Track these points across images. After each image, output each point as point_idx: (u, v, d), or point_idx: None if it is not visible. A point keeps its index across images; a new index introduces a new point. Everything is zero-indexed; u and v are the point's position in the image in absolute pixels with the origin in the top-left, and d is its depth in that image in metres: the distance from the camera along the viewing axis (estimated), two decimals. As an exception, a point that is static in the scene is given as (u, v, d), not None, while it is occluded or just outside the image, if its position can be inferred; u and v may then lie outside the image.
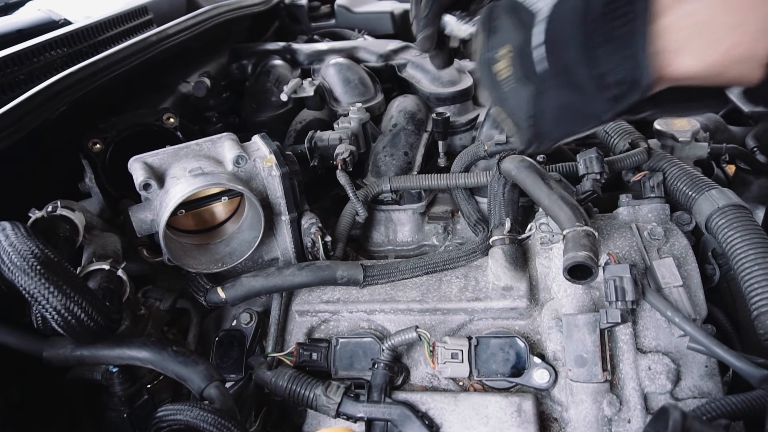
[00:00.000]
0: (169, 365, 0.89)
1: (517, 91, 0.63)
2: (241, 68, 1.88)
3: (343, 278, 1.09)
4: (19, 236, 0.82)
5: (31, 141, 1.04)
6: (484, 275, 1.10)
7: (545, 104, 0.62)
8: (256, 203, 1.05)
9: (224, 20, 1.82)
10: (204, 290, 1.12)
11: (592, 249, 0.93)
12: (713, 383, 0.96)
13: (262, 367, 1.05)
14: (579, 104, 0.59)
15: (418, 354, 1.07)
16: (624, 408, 0.95)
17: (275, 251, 1.20)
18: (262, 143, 1.12)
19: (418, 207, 1.31)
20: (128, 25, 1.56)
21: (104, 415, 1.01)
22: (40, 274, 0.78)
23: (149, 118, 1.30)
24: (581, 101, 0.59)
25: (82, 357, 0.90)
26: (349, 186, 1.24)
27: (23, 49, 1.21)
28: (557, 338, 1.01)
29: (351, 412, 0.98)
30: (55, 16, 1.53)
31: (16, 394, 0.98)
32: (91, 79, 1.20)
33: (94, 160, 1.22)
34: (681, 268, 1.01)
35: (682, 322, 0.92)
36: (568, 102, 0.60)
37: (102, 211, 1.19)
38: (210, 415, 0.80)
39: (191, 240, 1.15)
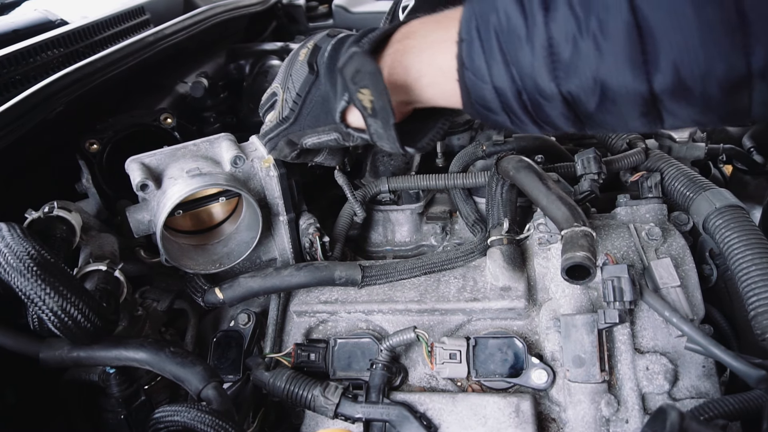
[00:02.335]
0: (166, 366, 0.89)
1: (300, 72, 0.79)
2: (238, 68, 1.88)
3: (341, 279, 1.09)
4: (16, 237, 0.81)
5: (27, 141, 1.04)
6: (482, 275, 1.10)
7: (313, 91, 0.78)
8: (253, 204, 1.05)
9: (221, 20, 1.81)
10: (202, 291, 1.12)
11: (590, 249, 0.93)
12: (711, 383, 0.96)
13: (260, 368, 1.05)
14: (330, 98, 0.75)
15: (416, 354, 1.07)
16: (622, 408, 0.95)
17: (273, 252, 1.20)
18: (259, 144, 1.12)
19: (416, 207, 1.31)
20: (125, 26, 1.56)
21: (101, 417, 1.01)
22: (36, 276, 0.77)
23: (146, 119, 1.29)
24: (332, 95, 0.74)
25: (79, 358, 0.90)
26: (347, 186, 1.24)
27: (19, 50, 1.20)
28: (555, 338, 1.01)
29: (349, 413, 0.98)
30: (52, 16, 1.53)
31: (12, 396, 0.98)
32: (87, 79, 1.19)
33: (91, 160, 1.21)
34: (678, 268, 1.01)
35: (679, 322, 0.92)
36: (325, 94, 0.76)
37: (99, 211, 1.19)
38: (208, 416, 0.80)
39: (189, 241, 1.15)
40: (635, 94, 0.48)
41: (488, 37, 0.53)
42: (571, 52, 0.48)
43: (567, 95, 0.51)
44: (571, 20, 0.47)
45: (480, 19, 0.54)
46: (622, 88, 0.48)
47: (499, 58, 0.53)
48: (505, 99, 0.54)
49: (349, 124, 0.73)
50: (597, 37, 0.47)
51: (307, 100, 0.79)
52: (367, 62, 0.63)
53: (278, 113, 0.82)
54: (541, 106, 0.53)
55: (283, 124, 0.82)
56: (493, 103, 0.56)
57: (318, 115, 0.79)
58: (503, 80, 0.53)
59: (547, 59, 0.50)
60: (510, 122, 0.58)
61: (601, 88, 0.49)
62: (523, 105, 0.54)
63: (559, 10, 0.48)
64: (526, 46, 0.50)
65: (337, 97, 0.72)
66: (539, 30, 0.49)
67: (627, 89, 0.48)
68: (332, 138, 0.79)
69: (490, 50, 0.53)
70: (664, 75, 0.46)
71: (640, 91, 0.48)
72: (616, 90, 0.48)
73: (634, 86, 0.47)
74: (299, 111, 0.80)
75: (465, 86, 0.57)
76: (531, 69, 0.51)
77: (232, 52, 1.91)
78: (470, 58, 0.55)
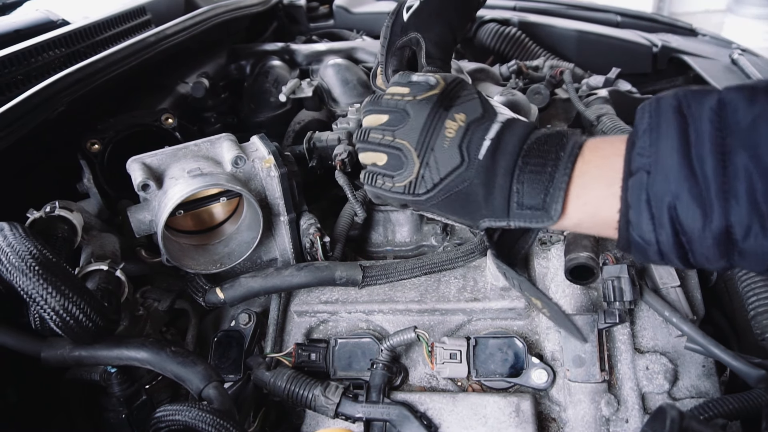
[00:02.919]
0: (167, 366, 0.89)
1: (448, 154, 0.67)
2: (239, 69, 1.88)
3: (342, 279, 1.10)
4: (18, 237, 0.82)
5: (29, 141, 1.04)
6: (482, 276, 1.10)
7: (458, 181, 0.67)
8: (254, 204, 1.05)
9: (223, 21, 1.82)
10: (202, 291, 1.12)
11: (593, 250, 0.93)
12: (711, 383, 0.96)
13: (260, 368, 1.05)
14: (478, 203, 0.66)
15: (416, 354, 1.07)
16: (622, 408, 0.95)
17: (274, 252, 1.20)
18: (260, 144, 1.12)
19: (416, 207, 1.31)
20: (126, 26, 1.56)
21: (102, 416, 1.01)
22: (38, 275, 0.78)
23: (147, 119, 1.29)
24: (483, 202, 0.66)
25: (81, 357, 0.90)
26: (347, 186, 1.24)
27: (21, 50, 1.20)
28: (555, 338, 1.01)
29: (349, 413, 0.98)
30: (53, 17, 1.53)
31: (14, 395, 0.98)
32: (89, 79, 1.20)
33: (93, 160, 1.21)
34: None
35: (679, 322, 0.92)
36: (473, 193, 0.66)
37: (100, 211, 1.19)
38: (209, 416, 0.80)
39: (190, 241, 1.15)
40: None
41: (660, 213, 0.52)
42: (750, 245, 0.49)
43: (728, 264, 0.52)
44: (754, 216, 0.47)
45: (652, 195, 0.52)
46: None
47: (669, 231, 0.52)
48: (668, 257, 0.54)
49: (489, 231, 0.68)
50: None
51: (448, 186, 0.68)
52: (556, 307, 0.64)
53: (408, 183, 0.70)
54: (701, 264, 0.53)
55: (411, 195, 0.71)
56: (653, 258, 0.55)
57: (455, 208, 0.69)
58: (669, 247, 0.53)
59: (722, 243, 0.49)
60: (662, 262, 0.57)
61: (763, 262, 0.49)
62: (685, 262, 0.54)
63: (740, 203, 0.47)
64: (700, 235, 0.50)
65: (491, 212, 0.65)
66: (716, 218, 0.49)
67: None
68: (459, 221, 0.73)
69: (661, 223, 0.52)
70: None
71: None
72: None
73: None
74: (436, 194, 0.69)
75: (627, 239, 0.56)
76: (702, 246, 0.51)
77: (233, 53, 1.92)
78: (638, 224, 0.54)
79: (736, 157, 0.47)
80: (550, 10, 2.22)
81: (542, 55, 2.02)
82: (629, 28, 2.11)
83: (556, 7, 2.25)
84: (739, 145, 0.47)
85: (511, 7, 2.23)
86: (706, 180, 0.48)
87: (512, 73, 1.74)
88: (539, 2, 2.26)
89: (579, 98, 1.49)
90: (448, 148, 0.67)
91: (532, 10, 2.21)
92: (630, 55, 1.94)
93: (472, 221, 0.67)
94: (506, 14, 2.15)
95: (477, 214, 0.66)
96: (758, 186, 0.46)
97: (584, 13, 2.21)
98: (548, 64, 1.82)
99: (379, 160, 0.73)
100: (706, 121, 0.49)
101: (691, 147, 0.49)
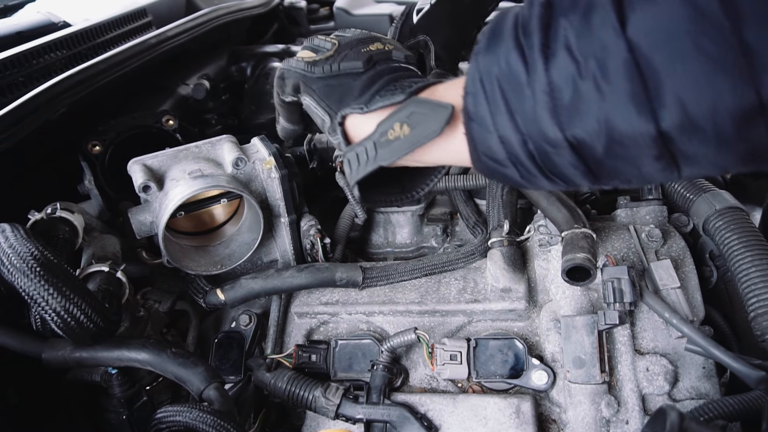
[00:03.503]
0: (168, 367, 0.89)
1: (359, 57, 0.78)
2: (240, 70, 1.89)
3: (342, 280, 1.10)
4: (19, 238, 0.82)
5: (30, 143, 1.04)
6: (482, 277, 1.10)
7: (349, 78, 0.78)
8: (255, 205, 1.05)
9: (223, 23, 1.82)
10: (203, 292, 1.12)
11: (591, 251, 0.93)
12: (711, 384, 0.96)
13: (261, 369, 1.05)
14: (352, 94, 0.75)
15: (417, 355, 1.07)
16: (622, 409, 0.95)
17: (274, 253, 1.20)
18: (261, 145, 1.13)
19: (416, 209, 1.32)
20: (127, 28, 1.56)
21: (103, 417, 1.01)
22: (39, 276, 0.78)
23: (148, 121, 1.30)
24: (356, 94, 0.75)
25: (81, 358, 0.90)
26: (348, 188, 1.24)
27: (22, 51, 1.21)
28: (556, 340, 1.01)
29: (350, 414, 0.98)
30: (55, 19, 1.53)
31: (15, 396, 0.98)
32: (90, 81, 1.20)
33: (94, 162, 1.22)
34: (679, 269, 1.01)
35: (679, 323, 0.92)
36: (352, 87, 0.76)
37: (101, 213, 1.20)
38: (209, 417, 0.80)
39: (190, 242, 1.15)
40: (643, 133, 0.47)
41: (492, 87, 0.53)
42: (571, 95, 0.48)
43: (572, 140, 0.50)
44: (570, 63, 0.47)
45: (483, 70, 0.54)
46: (627, 127, 0.47)
47: (502, 106, 0.52)
48: (511, 148, 0.54)
49: (343, 125, 0.74)
50: (597, 77, 0.46)
51: (340, 78, 0.78)
52: (440, 114, 0.61)
53: (313, 61, 0.81)
54: (549, 155, 0.53)
55: (308, 71, 0.81)
56: (500, 154, 0.55)
57: (332, 95, 0.78)
58: (508, 129, 0.53)
59: (549, 104, 0.49)
60: (519, 176, 0.57)
61: (607, 130, 0.48)
62: (530, 154, 0.53)
63: (559, 54, 0.48)
64: (527, 92, 0.50)
65: (359, 100, 0.72)
66: (539, 76, 0.49)
67: (633, 129, 0.47)
68: (321, 118, 0.80)
69: (494, 100, 0.53)
70: (670, 111, 0.45)
71: (647, 130, 0.46)
72: (622, 131, 0.47)
73: (639, 125, 0.46)
74: (326, 77, 0.79)
75: (472, 139, 0.57)
76: (534, 115, 0.51)
77: (234, 54, 1.92)
78: (475, 109, 0.55)
79: (556, 22, 0.49)
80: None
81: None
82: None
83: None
84: (559, 14, 0.49)
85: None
86: (531, 44, 0.50)
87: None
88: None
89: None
90: (363, 53, 0.78)
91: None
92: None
93: (337, 108, 0.75)
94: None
95: (345, 103, 0.74)
96: (571, 36, 0.47)
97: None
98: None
99: (306, 55, 0.84)
100: (536, 5, 0.51)
101: (518, 26, 0.51)
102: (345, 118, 0.73)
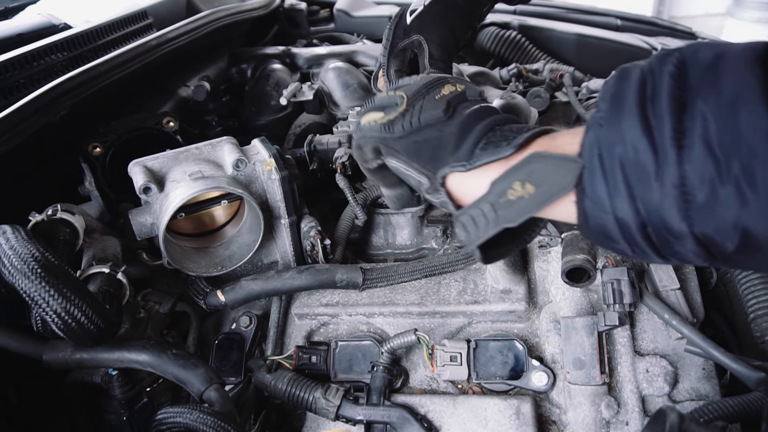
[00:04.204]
0: (168, 368, 0.89)
1: (436, 106, 0.72)
2: (240, 72, 1.89)
3: (343, 281, 1.10)
4: (20, 239, 0.82)
5: (31, 145, 1.04)
6: (482, 278, 1.10)
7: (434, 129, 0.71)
8: (255, 207, 1.05)
9: (224, 24, 1.82)
10: (203, 293, 1.12)
11: (590, 252, 0.93)
12: (710, 385, 0.96)
13: (261, 370, 1.05)
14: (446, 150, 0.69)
15: (417, 357, 1.08)
16: (622, 410, 0.95)
17: (275, 254, 1.20)
18: (261, 147, 1.13)
19: (417, 210, 1.32)
20: (128, 30, 1.57)
21: (103, 418, 1.01)
22: (40, 277, 0.78)
23: (149, 122, 1.30)
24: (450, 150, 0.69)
25: (82, 360, 0.90)
26: (348, 189, 1.25)
27: (23, 53, 1.21)
28: (555, 341, 1.01)
29: (350, 415, 0.98)
30: (55, 20, 1.53)
31: (16, 397, 0.99)
32: (91, 83, 1.20)
33: (94, 163, 1.22)
34: (678, 271, 1.02)
35: (679, 324, 0.92)
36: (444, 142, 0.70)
37: (102, 214, 1.20)
38: (209, 418, 0.80)
39: (191, 243, 1.15)
40: None
41: (612, 168, 0.49)
42: (707, 197, 0.44)
43: (700, 236, 0.46)
44: (709, 162, 0.43)
45: (604, 146, 0.50)
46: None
47: (623, 190, 0.49)
48: (628, 231, 0.51)
49: (445, 186, 0.68)
50: (740, 183, 0.42)
51: (424, 132, 0.72)
52: (569, 170, 0.54)
53: (389, 121, 0.75)
54: (669, 243, 0.49)
55: (387, 132, 0.74)
56: (613, 233, 0.52)
57: (422, 153, 0.72)
58: (627, 213, 0.49)
59: (679, 199, 0.45)
60: (631, 251, 0.53)
61: (743, 236, 0.44)
62: (647, 238, 0.50)
63: (695, 147, 0.44)
64: (655, 183, 0.46)
65: (456, 157, 0.66)
66: (671, 168, 0.45)
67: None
68: (418, 180, 0.73)
69: (614, 182, 0.49)
70: None
71: None
72: (762, 238, 0.44)
73: None
74: (409, 135, 0.72)
75: (583, 212, 0.54)
76: (659, 206, 0.47)
77: (234, 56, 1.92)
78: (591, 187, 0.51)
79: (692, 106, 0.45)
80: (550, 14, 2.23)
81: (542, 58, 2.02)
82: (629, 32, 2.11)
83: (556, 11, 2.26)
84: (696, 96, 0.45)
85: (511, 11, 2.24)
86: (661, 128, 0.46)
87: (512, 76, 1.75)
88: (539, 6, 2.27)
89: (579, 101, 1.49)
90: (438, 100, 0.72)
91: (532, 14, 2.22)
92: (630, 58, 1.92)
93: (433, 168, 0.69)
94: (506, 18, 2.15)
95: (441, 160, 0.69)
96: (712, 128, 0.43)
97: (584, 16, 2.22)
98: (548, 67, 1.83)
99: (377, 117, 0.77)
100: (666, 75, 0.47)
101: (646, 99, 0.48)
102: (445, 178, 0.68)
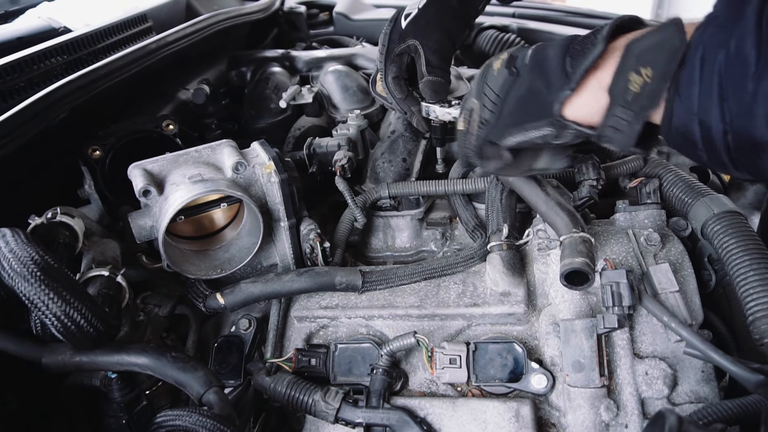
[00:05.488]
0: (168, 371, 0.90)
1: (498, 77, 0.76)
2: (240, 75, 1.89)
3: (342, 284, 1.10)
4: (19, 242, 0.82)
5: (30, 148, 1.04)
6: (482, 281, 1.11)
7: (515, 89, 0.75)
8: (255, 209, 1.05)
9: (223, 28, 1.83)
10: (203, 296, 1.12)
11: (589, 255, 0.93)
12: (710, 388, 0.96)
13: (260, 373, 1.05)
14: (541, 91, 0.72)
15: (416, 359, 1.07)
16: (621, 413, 0.95)
17: (274, 257, 1.20)
18: (261, 150, 1.13)
19: (416, 213, 1.32)
20: (128, 33, 1.57)
21: (103, 421, 1.01)
22: (39, 281, 0.78)
23: (149, 125, 1.30)
24: (544, 88, 0.71)
25: (81, 363, 0.90)
26: (347, 192, 1.25)
27: (23, 57, 1.21)
28: (555, 343, 1.01)
29: (349, 418, 0.98)
30: (55, 24, 1.54)
31: (15, 400, 0.98)
32: (90, 86, 1.20)
33: (94, 166, 1.22)
34: (677, 273, 1.02)
35: (678, 327, 0.92)
36: (533, 88, 0.73)
37: (101, 217, 1.20)
38: (209, 421, 0.80)
39: (190, 246, 1.15)
40: None
41: (710, 69, 0.49)
42: None
43: None
44: None
45: (708, 45, 0.50)
46: None
47: (715, 92, 0.49)
48: (709, 135, 0.51)
49: (567, 117, 0.69)
50: None
51: (509, 98, 0.74)
52: (675, 36, 0.54)
53: (476, 121, 0.77)
54: (747, 153, 0.49)
55: (482, 127, 0.76)
56: (695, 136, 0.52)
57: (526, 111, 0.73)
58: (713, 116, 0.50)
59: None
60: (707, 159, 0.54)
61: None
62: (726, 146, 0.50)
63: None
64: (750, 85, 0.46)
65: (554, 88, 0.68)
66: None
67: None
68: (542, 134, 0.73)
69: (709, 82, 0.50)
70: None
71: None
72: None
73: None
74: (501, 110, 0.75)
75: (670, 112, 0.54)
76: (748, 111, 0.47)
77: (234, 59, 1.93)
78: (687, 87, 0.51)
79: None
80: (549, 17, 2.24)
81: (541, 61, 2.03)
82: (627, 34, 2.11)
83: (554, 14, 2.26)
84: None
85: (510, 14, 2.25)
86: None
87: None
88: (538, 9, 2.27)
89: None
90: (497, 73, 0.76)
91: (530, 17, 2.23)
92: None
93: (545, 114, 0.70)
94: (505, 21, 2.16)
95: (545, 103, 0.70)
96: None
97: (583, 19, 2.22)
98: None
99: (463, 126, 0.83)
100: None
101: (765, 12, 0.47)
102: (562, 112, 0.68)
